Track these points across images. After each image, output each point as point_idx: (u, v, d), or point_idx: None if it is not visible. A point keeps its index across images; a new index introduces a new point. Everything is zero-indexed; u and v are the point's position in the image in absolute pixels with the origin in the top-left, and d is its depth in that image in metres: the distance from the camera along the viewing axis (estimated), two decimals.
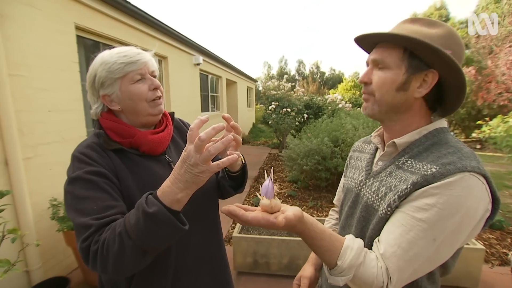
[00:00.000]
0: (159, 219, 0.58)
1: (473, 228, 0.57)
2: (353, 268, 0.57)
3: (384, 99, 0.66)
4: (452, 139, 0.65)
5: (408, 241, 0.56)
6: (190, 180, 0.59)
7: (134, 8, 3.09)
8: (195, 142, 0.55)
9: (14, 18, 1.93)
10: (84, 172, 0.70)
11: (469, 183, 0.55)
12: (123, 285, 0.79)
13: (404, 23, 0.66)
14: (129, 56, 0.77)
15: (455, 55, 0.61)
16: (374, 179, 0.70)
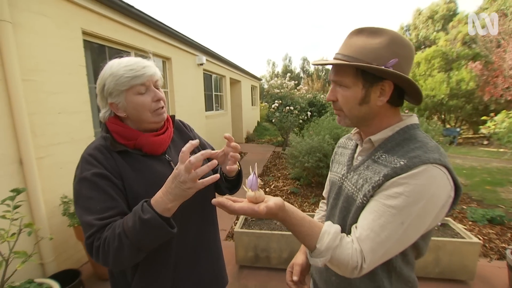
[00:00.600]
0: (152, 224, 0.70)
1: (437, 213, 0.65)
2: (330, 250, 0.64)
3: (351, 113, 0.73)
4: (421, 134, 0.72)
5: (380, 225, 0.63)
6: (179, 194, 0.71)
7: (138, 12, 3.19)
8: (186, 164, 0.67)
9: (26, 26, 2.05)
10: (90, 174, 0.80)
11: (432, 173, 0.62)
12: (130, 273, 0.89)
13: (351, 36, 0.72)
14: (135, 70, 0.85)
15: (403, 59, 0.68)
16: (354, 172, 0.78)
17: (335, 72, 0.73)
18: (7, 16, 1.88)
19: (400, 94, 0.73)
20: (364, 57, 0.67)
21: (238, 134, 10.40)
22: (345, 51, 0.71)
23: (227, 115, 8.53)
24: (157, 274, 0.89)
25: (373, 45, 0.67)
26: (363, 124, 0.77)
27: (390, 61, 0.66)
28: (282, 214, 0.66)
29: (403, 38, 0.69)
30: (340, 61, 0.69)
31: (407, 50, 0.69)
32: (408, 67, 0.70)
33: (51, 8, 2.25)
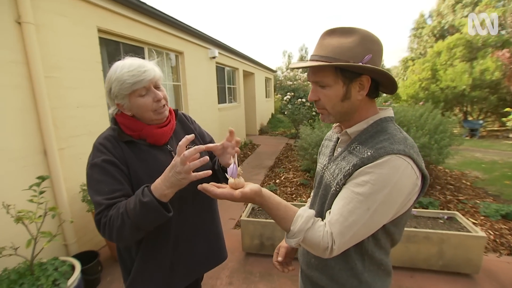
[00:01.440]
0: (150, 207, 0.80)
1: (403, 200, 0.70)
2: (303, 232, 0.72)
3: (334, 110, 0.79)
4: (392, 127, 0.77)
5: (348, 210, 0.69)
6: (175, 182, 0.80)
7: (150, 8, 3.29)
8: (181, 157, 0.76)
9: (48, 26, 2.21)
10: (101, 160, 0.92)
11: (395, 163, 0.68)
12: (134, 250, 1.01)
13: (324, 37, 0.76)
14: (136, 75, 0.93)
15: (375, 53, 0.73)
16: (333, 163, 0.84)
17: (314, 73, 0.78)
18: (30, 18, 2.04)
19: (375, 86, 0.78)
20: (341, 56, 0.72)
21: (252, 126, 10.48)
22: (321, 52, 0.75)
23: (240, 107, 8.61)
24: (157, 251, 1.00)
25: (347, 44, 0.72)
26: (345, 119, 0.82)
27: (365, 57, 0.71)
28: (258, 199, 0.74)
29: (372, 34, 0.74)
30: (321, 62, 0.74)
31: (377, 45, 0.74)
32: (380, 60, 0.75)
33: (69, 8, 2.40)
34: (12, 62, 1.99)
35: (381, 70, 0.71)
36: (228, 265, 2.51)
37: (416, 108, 4.27)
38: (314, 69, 0.78)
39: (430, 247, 2.22)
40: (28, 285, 1.62)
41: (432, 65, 9.99)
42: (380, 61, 0.76)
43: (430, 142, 3.47)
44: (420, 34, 18.31)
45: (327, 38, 0.76)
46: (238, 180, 0.75)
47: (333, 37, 0.75)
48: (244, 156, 7.01)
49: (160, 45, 3.91)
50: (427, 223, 2.49)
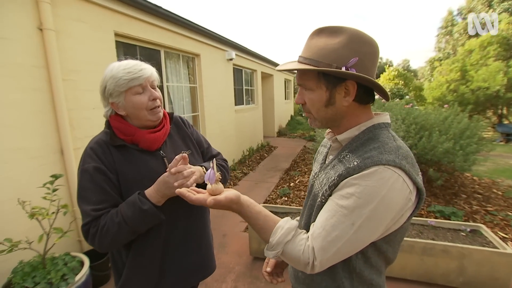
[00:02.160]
0: (149, 213, 0.88)
1: (394, 216, 0.64)
2: (281, 245, 0.68)
3: (319, 115, 0.74)
4: (384, 134, 0.71)
5: (331, 224, 0.64)
6: (167, 193, 0.90)
7: (165, 12, 3.37)
8: (171, 172, 0.88)
9: (67, 32, 2.32)
10: (90, 168, 0.93)
11: (383, 175, 0.61)
12: (124, 254, 1.02)
13: (312, 37, 0.71)
14: (132, 72, 0.95)
15: (364, 56, 0.66)
16: (324, 171, 0.78)
17: (299, 75, 0.74)
18: (51, 25, 2.15)
19: (368, 91, 0.71)
20: (324, 58, 0.67)
21: (270, 128, 10.43)
22: (306, 53, 0.71)
23: (258, 109, 8.60)
24: (147, 258, 1.00)
25: (333, 45, 0.67)
26: (332, 125, 0.77)
27: (350, 60, 0.65)
28: (236, 207, 0.71)
29: (363, 35, 0.67)
30: (303, 65, 0.69)
31: (368, 46, 0.68)
32: (371, 63, 0.69)
33: (87, 15, 2.51)
34: (34, 67, 2.11)
35: (363, 76, 0.64)
36: (235, 269, 2.49)
37: (440, 111, 4.02)
38: (299, 71, 0.73)
39: (449, 261, 2.06)
40: (39, 278, 1.70)
41: (462, 65, 9.39)
42: (373, 64, 0.69)
43: (455, 148, 3.24)
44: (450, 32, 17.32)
45: (314, 38, 0.71)
46: (215, 186, 0.73)
47: (320, 37, 0.70)
48: (260, 158, 6.99)
49: (176, 47, 3.99)
50: (446, 235, 2.31)
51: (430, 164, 3.44)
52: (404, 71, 13.11)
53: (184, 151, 1.15)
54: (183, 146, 1.14)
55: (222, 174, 1.16)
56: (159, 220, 0.92)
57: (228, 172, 1.24)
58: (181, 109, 4.48)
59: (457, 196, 3.79)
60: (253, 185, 4.94)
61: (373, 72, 0.70)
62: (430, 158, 3.29)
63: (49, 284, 1.67)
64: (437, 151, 3.21)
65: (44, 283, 1.67)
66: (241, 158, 6.63)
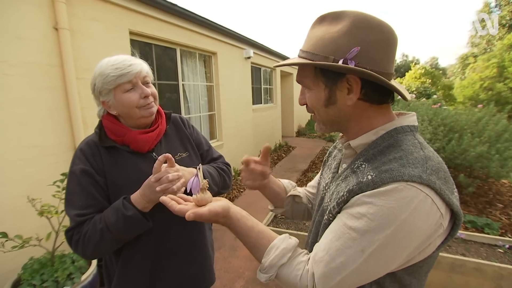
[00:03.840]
0: (134, 220, 0.81)
1: (419, 245, 0.52)
2: (275, 268, 0.58)
3: (321, 117, 0.64)
4: (409, 140, 0.58)
5: (337, 248, 0.53)
6: (153, 198, 0.83)
7: (182, 10, 3.35)
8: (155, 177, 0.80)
9: (81, 31, 2.34)
10: (78, 170, 0.88)
11: (405, 194, 0.49)
12: (115, 262, 0.96)
13: (313, 27, 0.61)
14: (120, 68, 0.88)
15: (370, 45, 0.54)
16: (335, 182, 0.67)
17: (298, 72, 0.64)
18: (66, 25, 2.17)
19: (380, 88, 0.58)
20: (321, 50, 0.56)
21: (289, 127, 10.26)
22: (305, 46, 0.61)
23: (277, 108, 8.47)
24: (136, 269, 0.94)
25: (332, 34, 0.56)
26: (339, 129, 0.65)
27: (351, 51, 0.53)
28: (224, 221, 0.62)
29: (369, 19, 0.55)
30: (300, 60, 0.59)
31: (376, 33, 0.55)
32: (381, 53, 0.56)
33: (102, 14, 2.52)
34: (49, 65, 2.14)
35: (361, 70, 0.52)
36: (245, 274, 2.41)
37: (473, 112, 3.68)
38: (298, 69, 0.63)
39: (483, 281, 1.83)
40: (47, 275, 1.71)
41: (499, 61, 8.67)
42: (384, 55, 0.56)
43: (490, 152, 2.93)
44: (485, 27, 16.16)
45: (315, 28, 0.60)
46: (202, 195, 0.63)
47: (321, 26, 0.59)
48: (277, 158, 6.86)
49: (192, 46, 3.97)
50: (479, 250, 2.07)
51: (460, 169, 3.15)
52: (432, 69, 12.32)
53: (180, 153, 1.08)
54: (180, 147, 1.06)
55: (223, 183, 1.07)
56: (146, 228, 0.85)
57: (229, 177, 1.14)
58: (197, 108, 4.47)
59: (491, 205, 3.45)
60: None
61: (385, 64, 0.56)
62: (460, 162, 3.02)
63: (56, 283, 1.67)
64: (469, 155, 2.93)
65: (51, 281, 1.67)
66: None
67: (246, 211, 0.66)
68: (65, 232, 0.85)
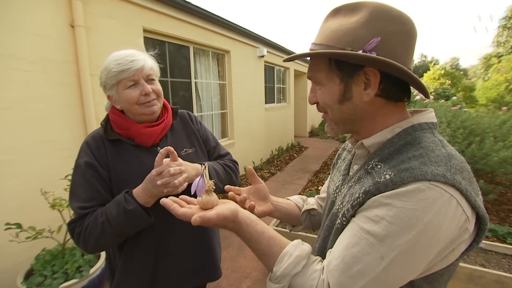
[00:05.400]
0: (135, 214, 0.80)
1: (442, 250, 0.48)
2: (288, 277, 0.54)
3: (334, 115, 0.60)
4: (430, 138, 0.54)
5: (353, 255, 0.49)
6: (154, 192, 0.82)
7: (195, 8, 3.35)
8: (156, 171, 0.80)
9: (96, 29, 2.39)
10: (83, 163, 0.88)
11: (428, 195, 0.45)
12: (118, 257, 0.96)
13: (327, 19, 0.57)
14: (122, 64, 0.88)
15: (391, 36, 0.50)
16: (347, 185, 0.63)
17: (309, 66, 0.61)
18: (81, 22, 2.22)
19: (398, 84, 0.55)
20: (337, 42, 0.53)
21: (302, 127, 10.15)
22: (317, 39, 0.57)
23: (290, 108, 8.39)
24: (138, 264, 0.93)
25: (349, 25, 0.52)
26: (351, 128, 0.61)
27: (370, 41, 0.50)
28: (232, 226, 0.58)
29: (389, 9, 0.51)
30: (316, 50, 0.55)
31: (397, 24, 0.51)
32: (402, 46, 0.52)
33: (117, 11, 2.56)
34: (65, 62, 2.19)
35: (386, 61, 0.48)
36: (252, 274, 2.38)
37: (497, 114, 3.49)
38: (310, 63, 0.60)
39: None
40: (58, 267, 1.75)
41: None
42: (404, 48, 0.52)
43: None
44: None
45: (329, 20, 0.57)
46: (207, 198, 0.59)
47: (336, 18, 0.56)
48: (289, 159, 6.80)
49: (205, 44, 3.97)
50: (501, 262, 1.95)
51: (480, 174, 2.99)
52: (453, 69, 11.83)
53: (186, 148, 1.06)
54: (186, 142, 1.05)
55: (229, 181, 1.05)
56: (148, 223, 0.84)
57: (236, 175, 1.11)
58: (209, 106, 4.48)
59: None
60: (280, 186, 4.78)
61: (405, 58, 0.53)
62: (480, 167, 2.86)
63: (65, 274, 1.71)
64: (491, 160, 2.77)
65: (61, 273, 1.71)
66: (269, 157, 6.50)
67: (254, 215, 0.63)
68: (67, 225, 0.85)
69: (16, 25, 1.90)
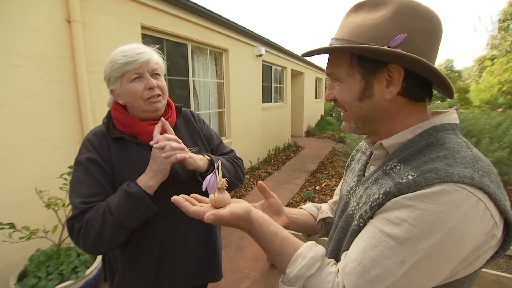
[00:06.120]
0: (136, 198, 0.76)
1: (467, 256, 0.46)
2: (302, 280, 0.52)
3: (353, 113, 0.58)
4: (454, 139, 0.52)
5: (371, 258, 0.47)
6: (156, 169, 0.80)
7: (194, 5, 3.32)
8: (158, 145, 0.82)
9: (93, 25, 2.34)
10: (85, 158, 0.85)
11: (454, 197, 0.43)
12: (118, 260, 0.93)
13: (348, 15, 0.56)
14: (128, 56, 0.86)
15: (417, 32, 0.49)
16: (362, 186, 0.62)
17: (328, 62, 0.59)
18: (78, 17, 2.17)
19: (421, 83, 0.53)
20: (360, 37, 0.51)
21: (298, 127, 10.16)
22: (338, 34, 0.55)
23: (287, 107, 8.38)
24: (140, 265, 0.90)
25: (373, 20, 0.51)
26: (369, 128, 0.59)
27: (396, 37, 0.48)
28: (245, 225, 0.56)
29: (416, 4, 0.50)
30: (339, 45, 0.53)
31: (424, 21, 0.50)
32: (428, 43, 0.50)
33: (114, 7, 2.51)
34: (61, 58, 2.14)
35: (414, 57, 0.47)
36: (250, 275, 2.36)
37: (492, 116, 3.53)
38: (329, 59, 0.58)
39: None
40: (52, 268, 1.70)
41: None
42: (430, 46, 0.51)
43: (510, 158, 2.80)
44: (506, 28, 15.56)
45: (351, 16, 0.55)
46: (219, 196, 0.58)
47: (358, 14, 0.54)
48: (286, 158, 6.79)
49: (203, 42, 3.94)
50: (499, 262, 1.97)
51: None
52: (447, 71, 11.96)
53: (190, 147, 1.04)
54: (189, 141, 1.03)
55: (235, 173, 1.03)
56: (151, 211, 0.81)
57: (242, 170, 1.09)
58: (207, 105, 4.44)
59: None
60: (277, 185, 4.77)
61: (429, 56, 0.51)
62: None
63: (61, 276, 1.67)
64: None
65: (56, 274, 1.66)
66: (266, 157, 6.49)
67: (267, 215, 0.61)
68: (66, 221, 0.81)
69: (11, 19, 1.85)
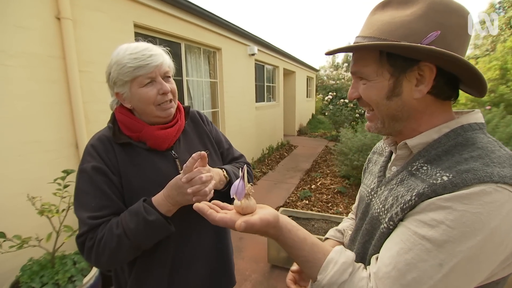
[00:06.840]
0: (157, 225, 0.72)
1: (508, 258, 0.45)
2: (335, 286, 0.50)
3: (380, 112, 0.56)
4: (484, 139, 0.51)
5: (407, 262, 0.45)
6: (179, 200, 0.74)
7: (187, 3, 3.25)
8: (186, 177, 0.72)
9: (84, 22, 2.24)
10: (90, 167, 0.78)
11: (495, 197, 0.42)
12: (127, 272, 0.88)
13: (374, 13, 0.54)
14: (139, 59, 0.79)
15: (449, 29, 0.47)
16: (385, 187, 0.60)
17: (354, 60, 0.57)
18: (68, 14, 2.07)
19: (450, 81, 0.52)
20: (390, 35, 0.49)
21: (290, 126, 10.18)
22: (365, 32, 0.54)
23: (279, 106, 8.38)
24: (152, 277, 0.85)
25: (403, 17, 0.49)
26: (394, 127, 0.58)
27: (428, 35, 0.46)
28: (274, 232, 0.54)
29: (447, 1, 0.48)
30: (369, 43, 0.51)
31: (456, 17, 0.48)
32: (460, 41, 0.49)
33: (106, 4, 2.42)
34: (51, 57, 2.03)
35: (447, 53, 0.45)
36: (251, 277, 2.33)
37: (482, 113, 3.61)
38: (355, 56, 0.56)
39: None
40: (47, 278, 1.62)
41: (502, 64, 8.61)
42: (461, 43, 0.50)
43: None
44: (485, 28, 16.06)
45: (377, 13, 0.54)
46: (246, 202, 0.54)
47: (386, 11, 0.52)
48: (280, 157, 6.79)
49: (197, 40, 3.87)
50: None
51: None
52: None
53: (200, 151, 0.99)
54: (199, 145, 0.98)
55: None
56: (168, 233, 0.77)
57: (252, 179, 1.06)
58: (200, 104, 4.37)
59: None
60: (272, 185, 4.76)
61: (461, 53, 0.50)
62: None
63: (56, 286, 1.59)
64: None
65: (51, 284, 1.58)
66: (261, 156, 6.46)
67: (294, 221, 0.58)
68: (76, 238, 0.76)
69: None
